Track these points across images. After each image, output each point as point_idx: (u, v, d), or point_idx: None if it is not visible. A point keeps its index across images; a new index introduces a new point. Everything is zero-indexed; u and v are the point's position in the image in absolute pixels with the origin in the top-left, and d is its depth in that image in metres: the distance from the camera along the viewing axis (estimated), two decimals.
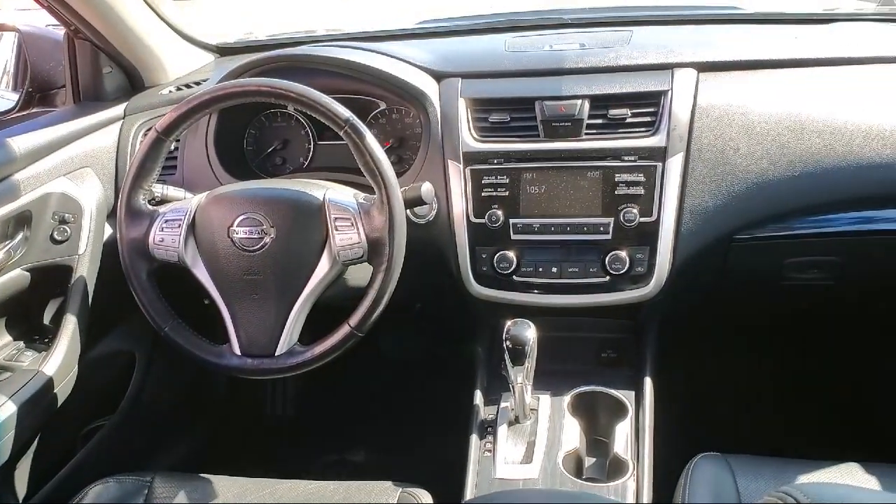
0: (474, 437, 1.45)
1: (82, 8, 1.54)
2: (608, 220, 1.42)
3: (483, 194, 1.45)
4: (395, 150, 1.61)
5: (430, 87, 1.53)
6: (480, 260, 1.47)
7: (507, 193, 1.44)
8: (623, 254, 1.41)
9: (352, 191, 1.35)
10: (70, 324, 1.49)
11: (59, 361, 1.45)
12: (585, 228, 1.43)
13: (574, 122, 1.43)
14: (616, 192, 1.41)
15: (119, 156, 1.65)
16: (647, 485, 1.35)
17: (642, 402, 1.48)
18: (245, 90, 1.28)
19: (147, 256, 1.32)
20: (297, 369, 1.29)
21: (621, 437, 1.42)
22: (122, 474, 1.33)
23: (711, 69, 1.47)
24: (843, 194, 1.40)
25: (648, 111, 1.42)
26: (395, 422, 2.20)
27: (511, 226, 1.44)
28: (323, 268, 1.28)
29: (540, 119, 1.44)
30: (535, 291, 1.47)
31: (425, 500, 1.26)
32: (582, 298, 1.46)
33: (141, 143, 1.42)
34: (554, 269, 1.45)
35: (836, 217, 1.46)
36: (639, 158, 1.40)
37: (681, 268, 1.42)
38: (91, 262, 1.54)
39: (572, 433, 1.43)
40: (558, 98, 1.44)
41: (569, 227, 1.43)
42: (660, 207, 1.39)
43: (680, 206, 1.40)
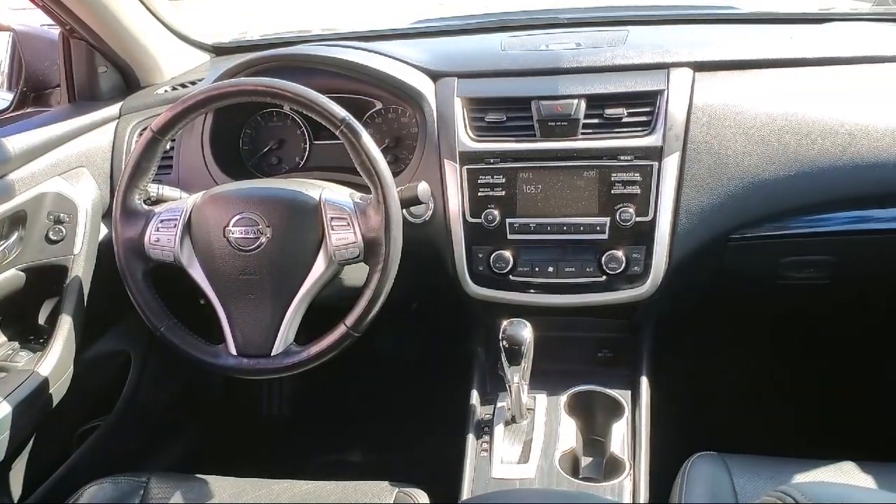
0: (471, 437, 1.46)
1: (77, 7, 1.54)
2: (604, 220, 1.42)
3: (479, 194, 1.45)
4: (391, 150, 1.61)
5: (426, 86, 1.53)
6: (477, 259, 1.46)
7: (504, 193, 1.44)
8: (619, 253, 1.41)
9: (348, 190, 1.35)
10: (65, 324, 1.48)
11: (54, 362, 1.45)
12: (582, 228, 1.43)
13: (570, 122, 1.43)
14: (612, 192, 1.41)
15: (114, 155, 1.65)
16: (644, 484, 1.35)
17: (639, 402, 1.48)
18: (241, 90, 1.28)
19: (143, 256, 1.32)
20: (293, 369, 1.29)
21: (618, 437, 1.42)
22: (118, 475, 1.33)
23: (707, 69, 1.47)
24: (839, 194, 1.41)
25: (644, 111, 1.42)
26: (392, 422, 2.20)
27: (507, 225, 1.44)
28: (319, 268, 1.28)
29: (536, 119, 1.44)
30: (532, 291, 1.47)
31: (422, 500, 1.26)
32: (578, 298, 1.46)
33: (136, 142, 1.41)
34: (550, 269, 1.45)
35: (831, 216, 1.46)
36: (635, 158, 1.40)
37: (677, 267, 1.42)
38: (86, 262, 1.54)
39: (569, 433, 1.43)
40: (554, 97, 1.44)
41: (565, 227, 1.43)
42: (656, 207, 1.39)
43: (676, 206, 1.40)
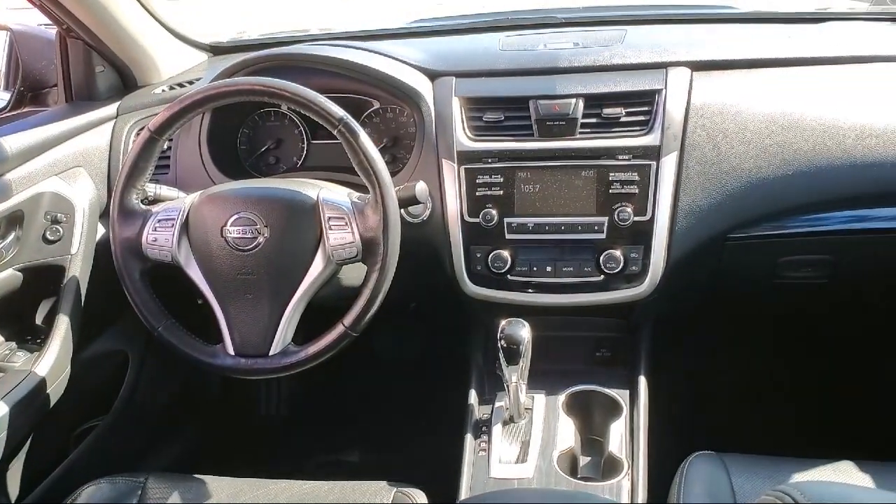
0: (469, 437, 1.45)
1: (74, 7, 1.54)
2: (602, 220, 1.41)
3: (477, 193, 1.45)
4: (389, 150, 1.61)
5: (424, 86, 1.52)
6: (475, 259, 1.46)
7: (502, 193, 1.44)
8: (617, 253, 1.41)
9: (346, 190, 1.35)
10: (62, 324, 1.48)
11: (51, 362, 1.45)
12: (580, 227, 1.43)
13: (568, 121, 1.43)
14: (610, 191, 1.41)
15: (112, 155, 1.65)
16: (642, 484, 1.35)
17: (637, 401, 1.48)
18: (238, 89, 1.28)
19: (140, 256, 1.31)
20: (290, 369, 1.29)
21: (616, 437, 1.42)
22: (116, 475, 1.33)
23: (705, 68, 1.47)
24: (837, 193, 1.41)
25: (642, 110, 1.42)
26: (390, 422, 2.20)
27: (505, 225, 1.44)
28: (317, 267, 1.28)
29: (534, 118, 1.44)
30: (530, 291, 1.47)
31: (420, 500, 1.26)
32: (576, 297, 1.46)
33: (134, 142, 1.41)
34: (548, 269, 1.45)
35: (829, 216, 1.46)
36: (633, 157, 1.40)
37: (675, 267, 1.42)
38: (84, 262, 1.54)
39: (567, 432, 1.43)
40: (552, 97, 1.44)
41: (563, 227, 1.43)
42: (654, 206, 1.39)
43: (674, 205, 1.40)
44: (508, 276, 1.46)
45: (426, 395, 2.01)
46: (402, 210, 1.35)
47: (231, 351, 1.30)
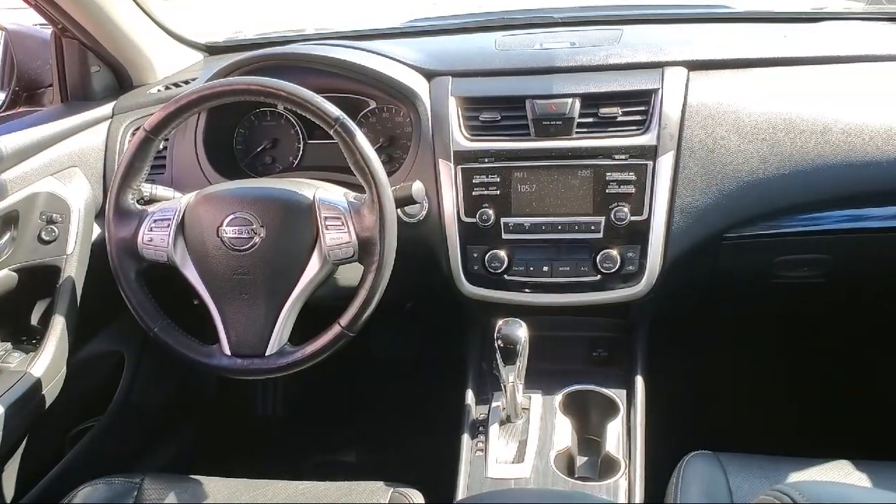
0: (466, 437, 1.45)
1: (70, 6, 1.53)
2: (599, 219, 1.41)
3: (474, 193, 1.44)
4: (385, 149, 1.61)
5: (420, 85, 1.52)
6: (471, 259, 1.46)
7: (498, 192, 1.44)
8: (614, 252, 1.41)
9: (342, 190, 1.34)
10: (58, 324, 1.47)
11: (47, 362, 1.44)
12: (576, 227, 1.43)
13: (565, 121, 1.43)
14: (607, 191, 1.41)
15: (107, 155, 1.64)
16: (639, 483, 1.35)
17: (634, 401, 1.48)
18: (234, 89, 1.27)
19: (136, 256, 1.31)
20: (287, 369, 1.28)
21: (613, 436, 1.42)
22: (112, 476, 1.32)
23: (701, 68, 1.48)
24: (833, 192, 1.41)
25: (639, 110, 1.42)
26: (387, 422, 2.20)
27: (502, 225, 1.44)
28: (313, 267, 1.28)
29: (531, 118, 1.44)
30: (527, 290, 1.47)
31: (417, 500, 1.26)
32: (573, 297, 1.46)
33: (129, 142, 1.41)
34: (545, 268, 1.45)
35: (825, 215, 1.46)
36: (629, 157, 1.40)
37: (671, 266, 1.42)
38: (79, 263, 1.53)
39: (564, 432, 1.43)
40: (549, 97, 1.44)
41: (560, 226, 1.43)
42: (650, 206, 1.39)
43: (670, 205, 1.40)
44: (505, 275, 1.46)
45: (423, 395, 2.01)
46: (399, 210, 1.35)
47: (227, 351, 1.29)
